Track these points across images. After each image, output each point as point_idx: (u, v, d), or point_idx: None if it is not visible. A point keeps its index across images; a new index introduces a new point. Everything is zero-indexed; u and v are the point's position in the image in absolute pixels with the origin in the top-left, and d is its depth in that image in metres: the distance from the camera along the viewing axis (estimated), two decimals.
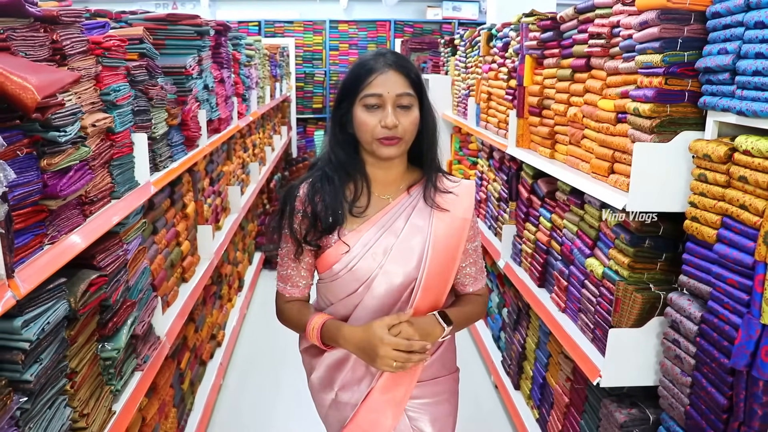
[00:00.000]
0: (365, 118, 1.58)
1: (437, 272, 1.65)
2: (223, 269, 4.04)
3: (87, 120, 1.71)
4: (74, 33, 1.71)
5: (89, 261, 1.73)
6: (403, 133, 1.59)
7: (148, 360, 2.16)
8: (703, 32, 1.79)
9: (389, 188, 1.71)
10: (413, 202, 1.68)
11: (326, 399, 1.77)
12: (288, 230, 1.68)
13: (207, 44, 3.30)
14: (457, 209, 1.69)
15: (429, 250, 1.63)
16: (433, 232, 1.65)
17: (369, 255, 1.63)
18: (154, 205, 2.54)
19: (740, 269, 1.61)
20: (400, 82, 1.58)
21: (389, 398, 1.68)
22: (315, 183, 1.66)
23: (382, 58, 1.60)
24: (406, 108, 1.59)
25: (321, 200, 1.63)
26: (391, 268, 1.63)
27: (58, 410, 1.47)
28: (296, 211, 1.66)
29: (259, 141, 5.86)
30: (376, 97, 1.56)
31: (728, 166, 1.66)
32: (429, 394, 1.75)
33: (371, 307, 1.65)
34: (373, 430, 1.69)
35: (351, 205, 1.65)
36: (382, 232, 1.64)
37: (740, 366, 1.59)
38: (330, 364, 1.74)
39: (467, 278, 1.78)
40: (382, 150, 1.60)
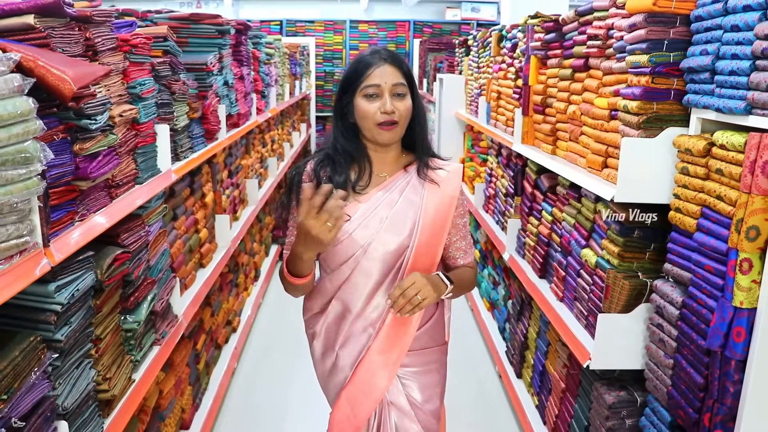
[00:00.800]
0: (366, 106, 1.78)
1: (427, 241, 1.83)
2: (239, 258, 4.21)
3: (115, 110, 1.86)
4: (105, 31, 1.87)
5: (114, 239, 1.89)
6: (399, 117, 1.78)
7: (166, 336, 2.31)
8: (688, 34, 1.90)
9: (386, 168, 1.90)
10: (408, 178, 1.88)
11: (327, 364, 1.93)
12: (295, 201, 1.85)
13: (228, 42, 3.46)
14: (447, 186, 1.88)
15: (420, 220, 1.82)
16: (424, 205, 1.83)
17: (366, 224, 1.81)
18: (175, 192, 2.71)
19: (716, 256, 1.73)
20: (394, 73, 1.78)
21: (384, 360, 1.85)
22: (321, 161, 1.87)
23: (378, 54, 1.80)
24: (401, 96, 1.79)
25: (326, 175, 1.83)
26: (386, 236, 1.81)
27: (84, 371, 1.62)
28: (303, 184, 1.81)
29: (278, 137, 6.03)
30: (374, 87, 1.76)
31: (707, 160, 1.77)
32: (418, 363, 1.92)
33: (367, 271, 1.83)
34: (368, 391, 1.86)
35: (355, 183, 1.84)
36: (378, 204, 1.82)
37: (715, 346, 1.71)
38: (329, 323, 1.91)
39: (458, 252, 1.96)
40: (383, 135, 1.79)
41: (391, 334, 1.85)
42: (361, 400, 1.88)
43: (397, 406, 1.91)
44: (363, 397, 1.87)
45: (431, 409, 1.96)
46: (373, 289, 1.85)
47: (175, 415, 2.69)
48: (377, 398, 1.87)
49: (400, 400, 1.90)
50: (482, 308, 4.44)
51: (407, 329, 1.86)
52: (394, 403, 1.91)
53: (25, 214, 1.29)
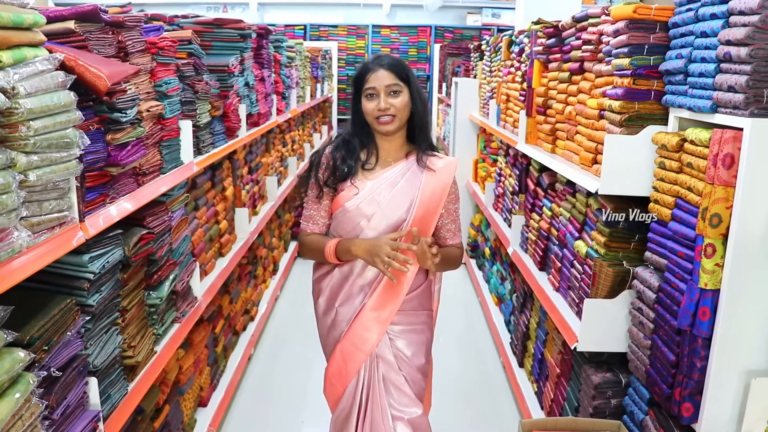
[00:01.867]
0: (366, 105, 2.14)
1: (421, 217, 2.14)
2: (258, 251, 4.42)
3: (143, 106, 2.07)
4: (135, 35, 2.08)
5: (140, 221, 2.09)
6: (395, 111, 2.11)
7: (186, 315, 2.51)
8: (667, 39, 2.06)
9: (392, 154, 2.22)
10: (409, 165, 2.20)
11: (327, 320, 2.25)
12: (314, 179, 2.20)
13: (249, 46, 3.67)
14: (442, 174, 2.18)
15: (417, 199, 2.14)
16: (422, 187, 2.15)
17: (372, 198, 2.14)
18: (197, 184, 2.92)
19: (687, 242, 1.88)
20: (388, 76, 2.11)
21: (376, 316, 2.15)
22: (337, 145, 2.22)
23: (377, 61, 2.14)
24: (396, 93, 2.11)
25: (340, 156, 2.18)
26: (388, 210, 2.14)
27: (112, 336, 1.83)
28: (321, 164, 2.20)
29: (299, 137, 6.24)
30: (372, 89, 2.12)
31: (680, 155, 1.93)
32: (406, 322, 2.21)
33: (369, 238, 2.13)
34: (360, 344, 2.17)
35: (364, 162, 2.19)
36: (383, 183, 2.16)
37: (684, 326, 1.86)
38: (334, 284, 2.22)
39: (448, 232, 2.25)
40: (381, 127, 2.13)
41: (384, 294, 2.16)
42: (353, 353, 2.17)
43: (384, 360, 2.18)
44: (354, 349, 2.17)
45: (417, 363, 2.22)
46: None
47: (194, 392, 2.89)
48: (368, 351, 2.16)
49: (388, 355, 2.18)
50: (491, 303, 4.59)
51: (398, 290, 2.15)
52: (382, 356, 2.18)
53: (65, 192, 1.50)
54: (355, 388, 2.19)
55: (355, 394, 2.18)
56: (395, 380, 2.17)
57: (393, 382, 2.17)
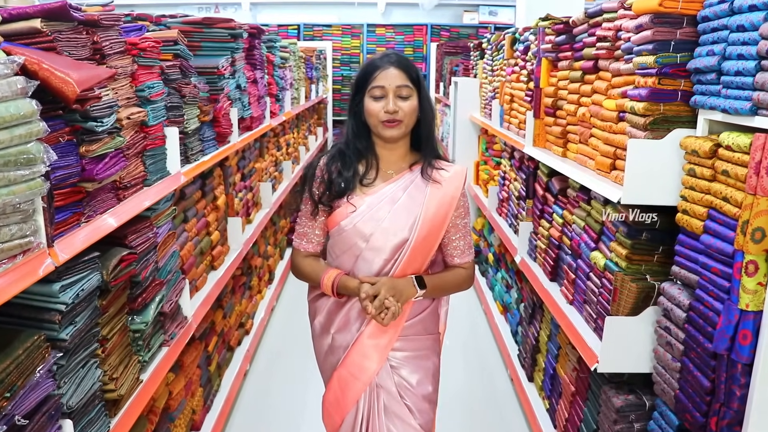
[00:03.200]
0: (372, 106, 1.91)
1: (425, 236, 1.95)
2: (253, 261, 4.23)
3: (122, 113, 1.89)
4: (113, 35, 1.89)
5: (121, 240, 1.91)
6: (403, 116, 1.90)
7: (175, 337, 2.33)
8: (694, 35, 1.89)
9: (393, 166, 2.01)
10: (413, 177, 1.99)
11: (324, 344, 2.09)
12: (308, 193, 2.01)
13: (240, 46, 3.49)
14: (449, 187, 1.98)
15: (421, 216, 1.94)
16: (426, 203, 1.94)
17: (370, 216, 1.94)
18: (185, 195, 2.73)
19: (722, 258, 1.71)
20: (399, 76, 1.90)
21: (375, 344, 1.98)
22: (332, 157, 2.01)
23: (386, 58, 1.93)
24: (405, 97, 1.91)
25: (336, 170, 1.97)
26: (388, 228, 1.93)
27: (90, 370, 1.64)
28: (315, 178, 2.00)
29: (293, 140, 6.06)
30: (379, 88, 1.90)
31: (713, 161, 1.75)
32: (409, 348, 2.04)
33: (368, 259, 1.96)
34: (359, 373, 1.99)
35: (363, 177, 1.98)
36: (383, 199, 1.95)
37: (721, 349, 1.69)
38: (330, 308, 2.05)
39: (456, 250, 2.04)
40: (386, 131, 1.91)
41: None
42: (351, 382, 2.00)
43: (386, 390, 2.01)
44: (352, 379, 1.99)
45: (423, 392, 2.04)
46: (371, 277, 1.95)
47: (186, 416, 2.71)
48: (366, 381, 1.99)
49: (389, 384, 2.00)
50: (495, 311, 4.42)
51: (399, 317, 1.95)
52: (383, 386, 2.01)
53: (29, 215, 1.31)
54: (354, 419, 2.01)
55: (354, 426, 2.01)
56: (398, 411, 2.00)
57: (396, 414, 2.00)
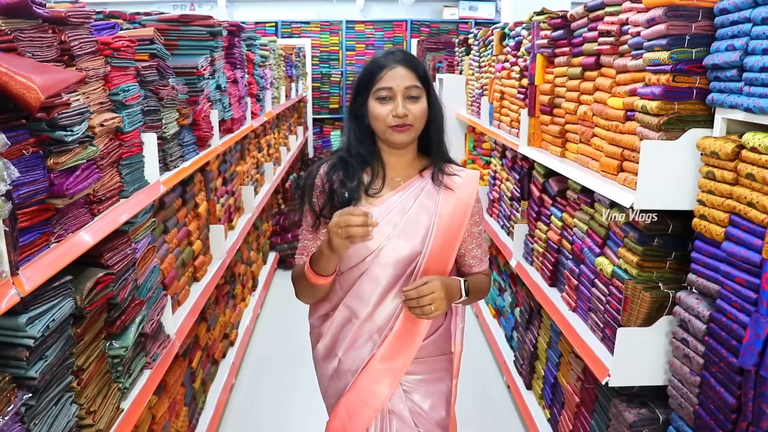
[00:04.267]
0: (378, 109, 1.74)
1: (440, 248, 1.78)
2: (236, 269, 4.07)
3: (95, 120, 1.73)
4: (83, 34, 1.73)
5: (97, 259, 1.75)
6: (413, 120, 1.74)
7: (158, 358, 2.18)
8: (711, 29, 1.77)
9: (401, 173, 1.85)
10: (423, 184, 1.83)
11: (329, 368, 1.88)
12: (308, 204, 1.83)
13: (220, 45, 3.33)
14: (462, 193, 1.82)
15: (434, 227, 1.77)
16: (438, 211, 1.78)
17: (379, 228, 1.73)
18: (165, 204, 2.57)
19: (748, 267, 1.59)
20: (408, 76, 1.73)
21: (388, 367, 1.80)
22: (334, 165, 1.83)
23: (392, 56, 1.76)
24: (415, 99, 1.74)
25: (338, 179, 1.80)
26: (398, 241, 1.76)
27: (64, 407, 1.49)
28: (315, 188, 1.82)
29: (274, 141, 5.89)
30: (387, 90, 1.72)
31: (736, 164, 1.64)
32: (423, 371, 1.87)
33: (377, 276, 1.78)
34: (369, 399, 1.80)
35: (368, 186, 1.81)
36: (392, 209, 1.78)
37: (748, 365, 1.57)
38: (336, 329, 1.85)
39: (474, 260, 1.91)
40: (395, 136, 1.74)
41: (396, 342, 1.80)
42: (360, 409, 1.82)
43: (398, 416, 1.85)
44: (362, 405, 1.82)
45: (437, 418, 1.89)
46: (382, 295, 1.80)
47: None
48: (377, 407, 1.82)
49: (402, 410, 1.84)
50: (488, 315, 4.30)
51: (414, 338, 1.80)
52: (396, 412, 1.85)
53: None
54: None
55: None
56: None
57: None
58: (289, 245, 5.66)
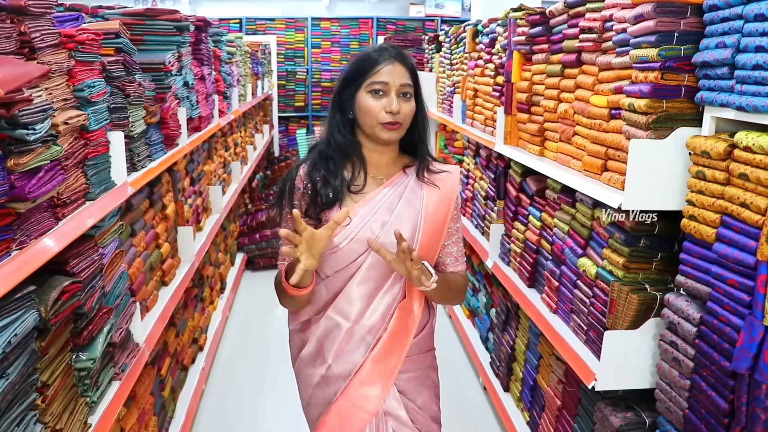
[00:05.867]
0: (371, 103, 1.70)
1: (427, 244, 1.77)
2: (204, 271, 3.94)
3: (59, 117, 1.62)
4: (44, 25, 1.61)
5: (62, 267, 1.64)
6: (403, 119, 1.71)
7: (127, 368, 2.07)
8: (700, 25, 1.74)
9: (383, 170, 1.81)
10: (406, 181, 1.80)
11: (314, 376, 1.80)
12: (289, 208, 1.75)
13: (187, 40, 3.21)
14: (445, 188, 1.81)
15: (421, 223, 1.75)
16: (424, 207, 1.77)
17: (367, 228, 1.72)
18: (132, 206, 2.45)
19: (741, 269, 1.56)
20: (403, 73, 1.72)
21: (381, 369, 1.75)
22: (315, 163, 1.77)
23: (387, 51, 1.73)
24: (407, 97, 1.72)
25: (321, 177, 1.74)
26: (387, 240, 1.70)
27: (27, 427, 1.38)
28: (296, 189, 1.76)
29: (241, 140, 5.76)
30: (382, 84, 1.69)
31: (728, 163, 1.61)
32: (413, 368, 1.84)
33: (366, 277, 1.74)
34: (363, 404, 1.74)
35: (350, 183, 1.76)
36: (378, 208, 1.74)
37: (742, 369, 1.54)
38: (321, 335, 1.78)
39: (449, 257, 1.86)
40: (385, 133, 1.71)
41: (390, 341, 1.77)
42: (353, 414, 1.75)
43: (394, 416, 1.80)
44: (355, 410, 1.75)
45: (430, 413, 1.88)
46: (371, 295, 1.77)
47: None
48: (372, 411, 1.75)
49: (398, 409, 1.80)
50: (461, 316, 4.26)
51: (408, 336, 1.78)
52: (391, 412, 1.80)
53: None
54: None
55: None
56: None
57: None
58: (257, 246, 5.54)
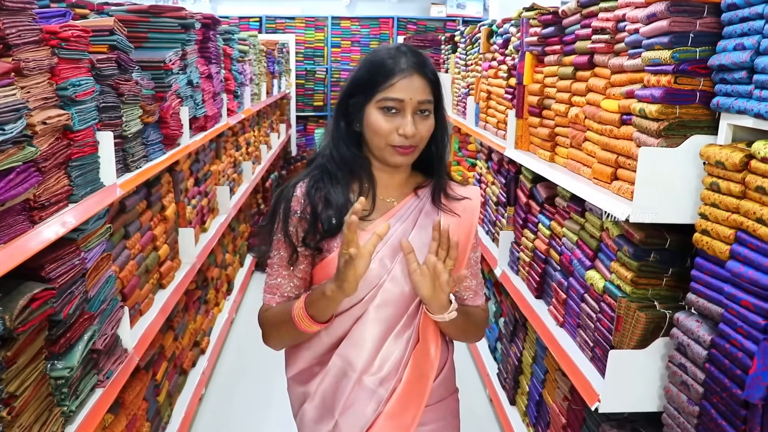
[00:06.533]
0: (381, 123, 1.46)
1: None
2: (209, 273, 3.88)
3: (36, 117, 1.55)
4: (23, 21, 1.55)
5: (37, 272, 1.57)
6: (419, 141, 1.48)
7: (112, 375, 2.00)
8: (717, 26, 1.62)
9: (393, 191, 1.59)
10: (420, 204, 1.58)
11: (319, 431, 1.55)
12: (282, 234, 1.52)
13: (193, 38, 3.15)
14: (465, 213, 1.59)
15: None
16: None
17: (377, 260, 1.49)
18: (126, 207, 2.39)
19: (756, 290, 1.44)
20: (423, 87, 1.47)
21: (397, 425, 1.50)
22: (316, 181, 1.52)
23: (404, 58, 1.47)
24: (425, 114, 1.48)
25: (323, 199, 1.49)
26: (400, 273, 1.50)
27: None
28: (292, 213, 1.51)
29: (254, 139, 5.70)
30: (396, 101, 1.44)
31: (744, 175, 1.49)
32: (433, 419, 1.59)
33: (376, 317, 1.51)
34: None
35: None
36: (390, 237, 1.51)
37: (755, 399, 1.43)
38: (327, 388, 1.53)
39: (467, 291, 1.65)
40: (396, 158, 1.49)
41: (406, 393, 1.51)
42: None
43: None
44: None
45: None
46: (381, 340, 1.52)
47: None
48: None
49: None
50: None
51: (426, 383, 1.53)
52: None
53: None
54: None
55: None
56: None
57: None
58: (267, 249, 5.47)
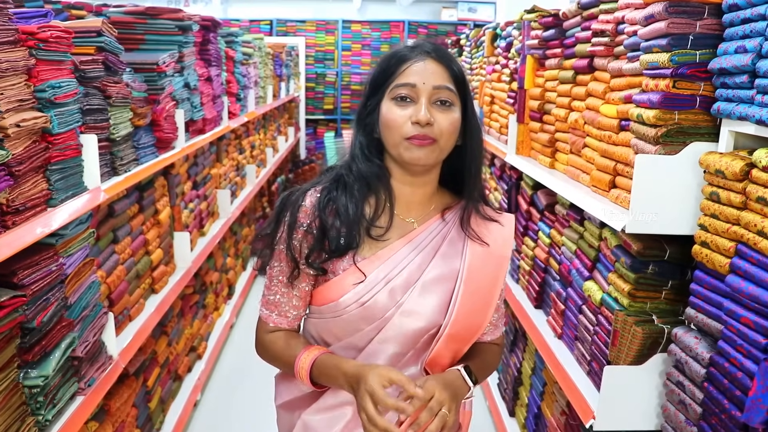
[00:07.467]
0: (393, 113, 1.30)
1: (466, 318, 1.37)
2: (207, 277, 3.83)
3: (9, 119, 1.50)
4: None
5: (9, 279, 1.52)
6: (438, 134, 1.30)
7: (95, 382, 1.95)
8: (718, 28, 1.55)
9: (414, 210, 1.42)
10: (445, 230, 1.40)
11: None
12: (284, 246, 1.36)
13: (191, 40, 3.11)
14: (496, 244, 1.41)
15: (460, 289, 1.35)
16: (466, 267, 1.37)
17: (387, 289, 1.33)
18: (115, 211, 2.34)
19: (757, 307, 1.37)
20: (439, 73, 1.31)
21: None
22: (330, 191, 1.36)
23: (419, 47, 1.34)
24: (445, 105, 1.31)
25: (335, 214, 1.34)
26: (412, 308, 1.34)
27: None
28: (298, 225, 1.35)
29: (259, 142, 5.66)
30: (408, 87, 1.30)
31: (745, 185, 1.41)
32: None
33: (377, 355, 1.35)
34: None
35: (370, 224, 1.35)
36: (405, 264, 1.34)
37: (754, 422, 1.35)
38: (321, 420, 1.39)
39: (488, 325, 1.49)
40: (412, 151, 1.30)
41: None
42: None
43: None
44: None
45: None
46: None
47: None
48: None
49: None
50: None
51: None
52: None
53: None
54: None
55: None
56: None
57: None
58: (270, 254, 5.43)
